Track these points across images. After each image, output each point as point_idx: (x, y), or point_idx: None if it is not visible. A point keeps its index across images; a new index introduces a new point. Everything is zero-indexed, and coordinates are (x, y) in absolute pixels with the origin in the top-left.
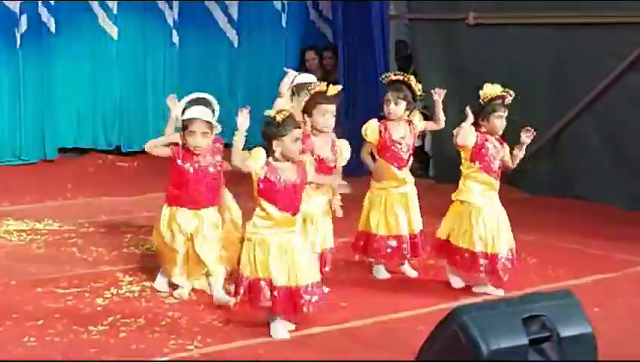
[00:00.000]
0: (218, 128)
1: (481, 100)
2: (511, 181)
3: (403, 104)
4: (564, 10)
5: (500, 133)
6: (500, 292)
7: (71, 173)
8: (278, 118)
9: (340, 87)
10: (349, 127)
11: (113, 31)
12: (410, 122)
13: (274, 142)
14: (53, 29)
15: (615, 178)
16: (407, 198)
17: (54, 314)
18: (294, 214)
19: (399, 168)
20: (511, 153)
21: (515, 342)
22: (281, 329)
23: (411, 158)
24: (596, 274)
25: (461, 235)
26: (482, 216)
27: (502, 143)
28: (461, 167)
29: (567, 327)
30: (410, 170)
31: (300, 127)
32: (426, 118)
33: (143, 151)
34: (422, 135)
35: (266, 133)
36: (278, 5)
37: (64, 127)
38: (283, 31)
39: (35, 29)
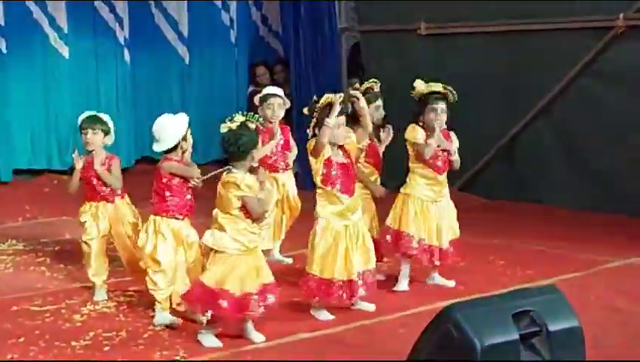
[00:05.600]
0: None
1: (416, 98)
2: (469, 187)
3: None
4: (515, 18)
5: (438, 127)
6: (450, 284)
7: (27, 195)
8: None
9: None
10: (301, 139)
11: (64, 51)
12: None
13: None
14: (4, 49)
15: (570, 181)
16: None
17: (34, 331)
18: None
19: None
20: None
21: (507, 338)
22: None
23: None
24: (564, 274)
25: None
26: (424, 209)
27: (448, 138)
28: (409, 163)
29: (555, 322)
30: None
31: None
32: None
33: None
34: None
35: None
36: (227, 21)
37: (18, 149)
38: (232, 47)
39: None
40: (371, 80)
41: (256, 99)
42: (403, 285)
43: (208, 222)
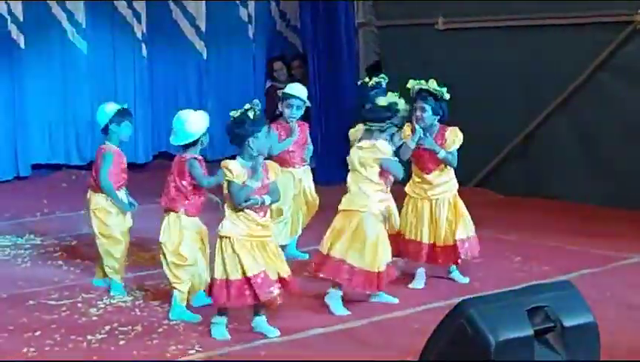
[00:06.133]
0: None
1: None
2: (486, 183)
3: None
4: (533, 12)
5: (419, 124)
6: (464, 280)
7: (45, 190)
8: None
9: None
10: (319, 135)
11: (83, 46)
12: None
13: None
14: (23, 45)
15: (587, 176)
16: None
17: (50, 324)
18: None
19: None
20: None
21: (521, 333)
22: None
23: None
24: (581, 270)
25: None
26: (417, 207)
27: (440, 137)
28: None
29: (570, 317)
30: None
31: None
32: None
33: None
34: None
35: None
36: (244, 17)
37: (36, 144)
38: (250, 42)
39: (5, 46)
40: (381, 76)
41: (280, 93)
42: (419, 283)
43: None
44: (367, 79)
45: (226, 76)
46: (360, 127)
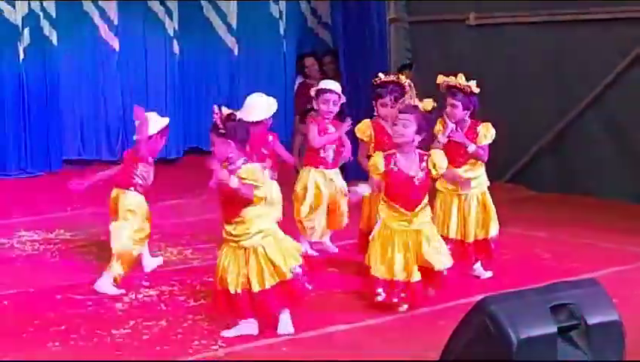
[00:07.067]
0: None
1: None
2: (518, 179)
3: None
4: (565, 8)
5: (451, 119)
6: (487, 274)
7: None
8: None
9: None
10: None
11: (114, 42)
12: None
13: None
14: (55, 41)
15: (620, 173)
16: None
17: (76, 319)
18: None
19: None
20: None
21: (544, 331)
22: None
23: None
24: (611, 267)
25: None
26: (447, 202)
27: (472, 131)
28: None
29: (594, 315)
30: None
31: None
32: None
33: None
34: None
35: None
36: (275, 13)
37: (68, 139)
38: (281, 38)
39: (38, 42)
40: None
41: (313, 92)
42: None
43: None
44: (381, 75)
45: (257, 72)
46: (367, 122)
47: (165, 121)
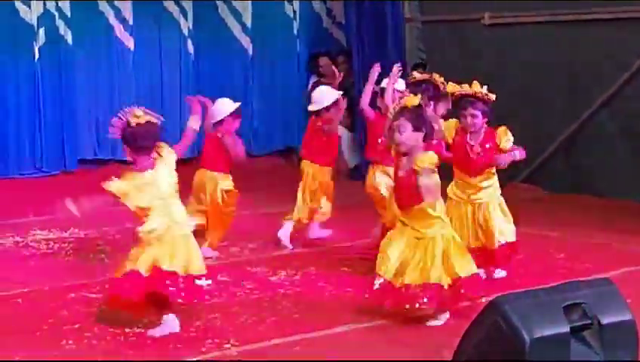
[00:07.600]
0: None
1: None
2: (532, 180)
3: None
4: (580, 8)
5: (471, 129)
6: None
7: (91, 184)
8: None
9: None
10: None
11: (129, 42)
12: None
13: None
14: (70, 41)
15: (634, 173)
16: None
17: (89, 317)
18: None
19: None
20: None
21: (557, 330)
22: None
23: None
24: (624, 268)
25: None
26: (455, 210)
27: (490, 138)
28: None
29: (607, 315)
30: None
31: None
32: None
33: None
34: None
35: None
36: (290, 12)
37: (83, 139)
38: (295, 38)
39: (53, 41)
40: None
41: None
42: None
43: None
44: (416, 74)
45: (271, 72)
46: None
47: (236, 104)
